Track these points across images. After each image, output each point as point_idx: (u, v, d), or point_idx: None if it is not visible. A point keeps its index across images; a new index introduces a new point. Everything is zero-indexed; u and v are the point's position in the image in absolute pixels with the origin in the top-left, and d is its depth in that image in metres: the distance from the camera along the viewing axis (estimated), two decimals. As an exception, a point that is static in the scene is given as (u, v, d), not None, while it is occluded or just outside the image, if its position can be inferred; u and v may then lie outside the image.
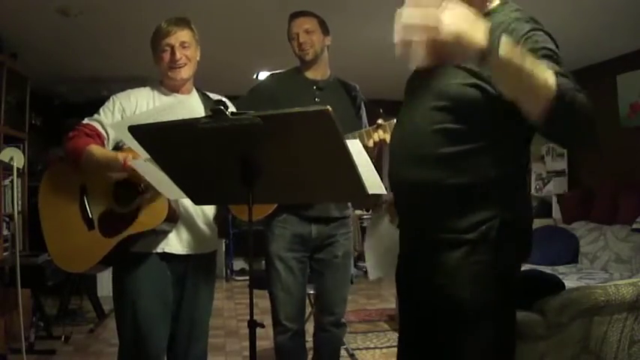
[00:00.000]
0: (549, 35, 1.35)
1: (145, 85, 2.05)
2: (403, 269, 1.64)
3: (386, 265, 1.84)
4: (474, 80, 1.35)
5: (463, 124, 1.38)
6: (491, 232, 1.37)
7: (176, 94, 2.01)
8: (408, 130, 1.51)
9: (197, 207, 1.97)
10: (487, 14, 1.42)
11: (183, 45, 1.93)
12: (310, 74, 2.38)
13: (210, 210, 2.05)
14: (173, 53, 1.92)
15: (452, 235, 1.41)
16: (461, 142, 1.38)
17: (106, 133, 1.92)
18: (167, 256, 1.94)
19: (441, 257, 1.44)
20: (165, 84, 2.02)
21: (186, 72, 1.96)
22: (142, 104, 1.96)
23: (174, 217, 1.89)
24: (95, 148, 1.85)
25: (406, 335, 1.66)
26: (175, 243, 1.94)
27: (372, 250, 1.92)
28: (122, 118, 1.91)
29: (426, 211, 1.47)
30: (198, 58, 2.02)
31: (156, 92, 2.01)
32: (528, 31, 1.32)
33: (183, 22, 1.96)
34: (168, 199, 1.83)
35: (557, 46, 1.34)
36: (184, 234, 1.96)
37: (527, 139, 1.47)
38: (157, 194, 1.81)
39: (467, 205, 1.39)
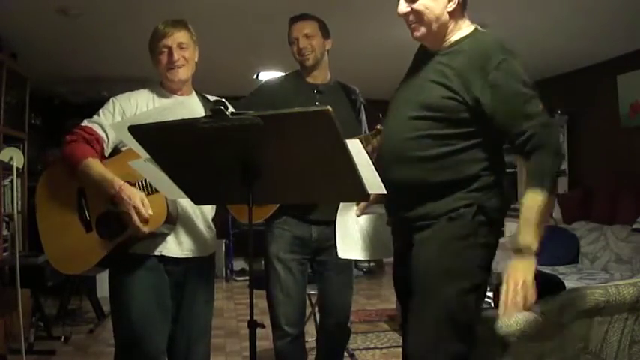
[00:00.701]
0: (518, 63, 1.56)
1: (145, 86, 2.04)
2: (396, 262, 1.83)
3: (351, 249, 2.04)
4: (450, 94, 1.56)
5: (444, 129, 1.58)
6: (467, 214, 1.57)
7: (175, 96, 2.00)
8: (392, 136, 1.71)
9: (196, 210, 1.97)
10: (461, 40, 1.62)
11: (180, 46, 1.93)
12: (310, 78, 2.37)
13: (209, 213, 2.04)
14: (170, 54, 1.91)
15: (433, 221, 1.62)
16: (444, 145, 1.59)
17: (106, 135, 1.90)
18: (165, 259, 1.93)
19: (419, 235, 1.63)
20: (164, 85, 2.01)
21: (184, 73, 1.96)
22: (142, 106, 1.95)
23: (172, 219, 1.88)
24: (92, 164, 1.82)
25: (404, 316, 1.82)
26: (174, 246, 1.93)
27: (338, 232, 2.11)
28: (122, 119, 1.89)
29: (413, 206, 1.65)
30: (196, 60, 2.01)
31: (155, 94, 2.00)
32: (501, 61, 1.53)
33: (180, 24, 1.95)
34: (167, 203, 1.82)
35: (524, 70, 1.56)
36: (183, 237, 1.95)
37: (501, 141, 1.66)
38: (156, 197, 1.80)
39: (446, 195, 1.60)
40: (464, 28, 1.64)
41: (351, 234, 2.06)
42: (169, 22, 1.94)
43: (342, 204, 2.06)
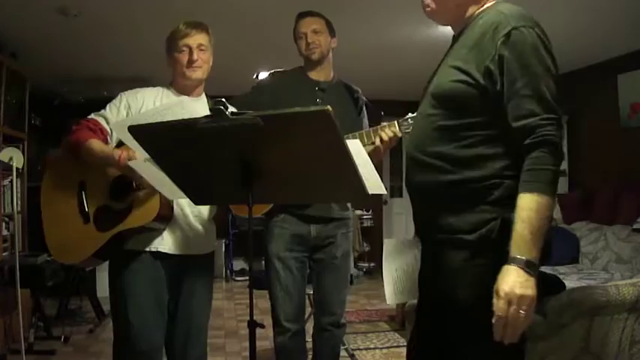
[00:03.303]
0: (537, 34, 1.34)
1: (146, 86, 2.06)
2: (422, 281, 1.64)
3: (405, 290, 1.76)
4: (462, 76, 1.37)
5: (455, 119, 1.40)
6: (491, 234, 1.36)
7: (184, 96, 2.01)
8: (413, 134, 1.57)
9: (194, 207, 1.98)
10: (478, 14, 1.45)
11: (200, 47, 1.96)
12: (314, 75, 2.37)
13: (206, 210, 2.05)
14: (191, 53, 1.94)
15: (453, 236, 1.41)
16: (455, 138, 1.41)
17: (110, 128, 1.94)
18: (161, 255, 1.94)
19: (444, 258, 1.44)
20: (175, 85, 2.03)
21: (201, 73, 1.99)
22: (149, 103, 1.97)
23: (166, 216, 1.90)
24: (95, 143, 1.86)
25: (421, 332, 1.65)
26: (169, 242, 1.95)
27: (391, 276, 1.78)
28: (127, 115, 1.93)
29: (428, 212, 1.49)
30: (211, 63, 2.04)
31: (165, 92, 2.02)
32: (513, 29, 1.32)
33: (201, 26, 1.99)
34: (161, 198, 1.84)
35: (545, 44, 1.34)
36: (179, 234, 1.96)
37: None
38: (150, 192, 1.83)
39: (466, 204, 1.40)
40: (485, 3, 1.46)
41: (407, 274, 1.76)
42: (191, 23, 1.98)
43: (392, 246, 1.79)
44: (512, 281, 1.23)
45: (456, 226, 1.41)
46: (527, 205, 1.26)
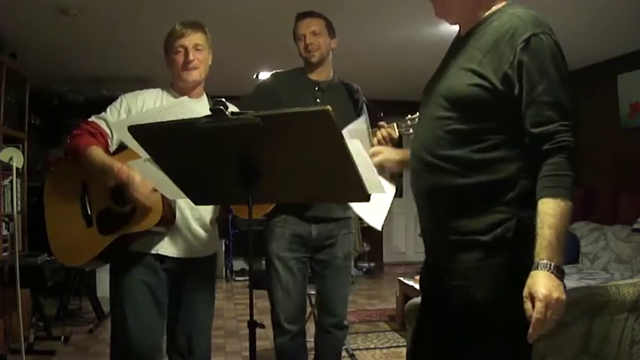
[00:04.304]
0: (554, 41, 1.35)
1: (145, 86, 2.06)
2: (424, 272, 1.65)
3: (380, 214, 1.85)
4: (477, 80, 1.36)
5: (471, 123, 1.39)
6: (507, 234, 1.35)
7: (185, 97, 2.00)
8: (421, 135, 1.54)
9: (194, 210, 1.98)
10: (490, 16, 1.43)
11: (196, 47, 1.94)
12: (314, 75, 2.37)
13: (207, 213, 2.05)
14: (187, 54, 1.93)
15: (467, 237, 1.40)
16: (471, 142, 1.39)
17: (110, 131, 1.93)
18: (162, 258, 1.95)
19: (457, 259, 1.43)
20: (175, 86, 2.02)
21: (198, 74, 1.97)
22: (149, 104, 1.97)
23: (168, 220, 1.90)
24: (95, 151, 1.85)
25: (421, 334, 1.64)
26: (170, 246, 1.95)
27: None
28: (127, 117, 1.92)
29: (439, 214, 1.47)
30: (209, 63, 2.02)
31: (164, 94, 2.02)
32: (532, 36, 1.32)
33: (197, 26, 1.97)
34: (163, 203, 1.84)
35: (561, 52, 1.36)
36: (179, 237, 1.96)
37: None
38: (153, 196, 1.82)
39: (480, 205, 1.39)
40: (496, 4, 1.45)
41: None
42: (187, 23, 1.96)
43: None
44: (549, 285, 1.25)
45: (470, 227, 1.39)
46: (553, 210, 1.27)
